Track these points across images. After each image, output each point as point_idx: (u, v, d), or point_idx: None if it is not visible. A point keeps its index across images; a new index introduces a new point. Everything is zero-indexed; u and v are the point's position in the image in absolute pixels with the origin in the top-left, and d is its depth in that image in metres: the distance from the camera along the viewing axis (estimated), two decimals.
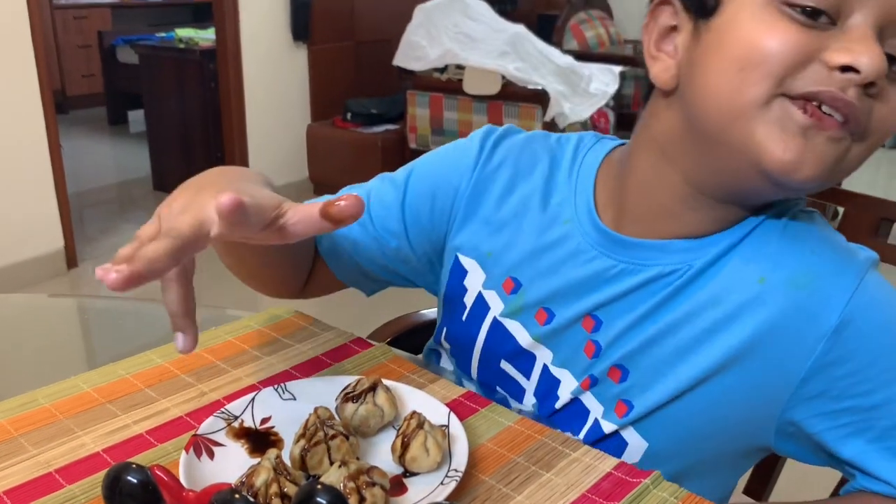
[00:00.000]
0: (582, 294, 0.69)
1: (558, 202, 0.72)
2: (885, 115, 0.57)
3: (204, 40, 3.93)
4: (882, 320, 0.61)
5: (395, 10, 4.31)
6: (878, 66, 0.54)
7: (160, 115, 4.03)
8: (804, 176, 0.57)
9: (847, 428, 0.62)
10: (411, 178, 0.79)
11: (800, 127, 0.56)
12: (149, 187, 4.18)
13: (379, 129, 3.93)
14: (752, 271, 0.63)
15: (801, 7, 0.55)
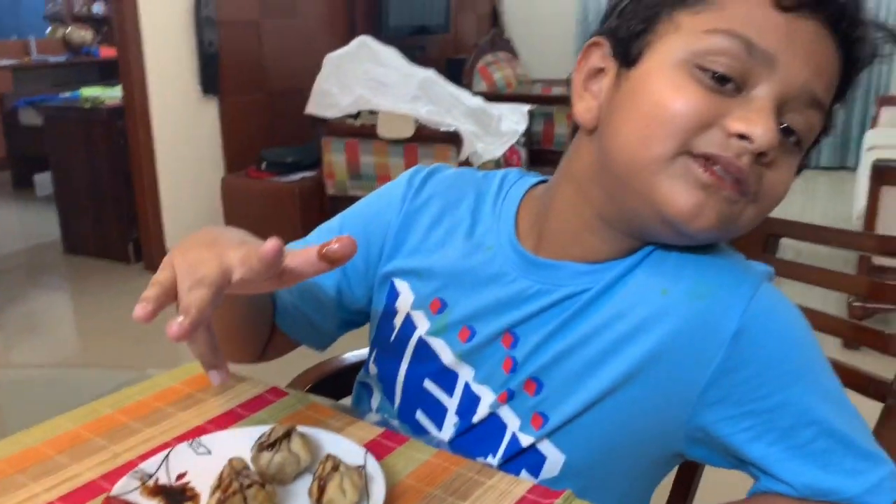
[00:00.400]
0: (502, 312, 0.72)
1: (483, 231, 0.77)
2: (775, 182, 0.63)
3: (111, 98, 3.86)
4: (776, 328, 0.66)
5: (304, 61, 4.34)
6: (769, 138, 0.59)
7: (68, 177, 3.92)
8: (701, 226, 0.62)
9: (750, 431, 0.65)
10: (344, 223, 0.84)
11: (700, 183, 0.61)
12: (59, 251, 4.05)
13: (295, 178, 3.92)
14: (654, 285, 0.67)
15: (711, 72, 0.60)
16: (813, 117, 0.62)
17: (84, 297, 3.56)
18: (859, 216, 2.90)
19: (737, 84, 0.60)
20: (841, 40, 0.62)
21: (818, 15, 0.61)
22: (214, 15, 3.81)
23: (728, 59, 0.60)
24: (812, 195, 5.44)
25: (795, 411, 0.64)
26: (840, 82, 0.64)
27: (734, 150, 0.60)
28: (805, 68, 0.60)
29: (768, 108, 0.60)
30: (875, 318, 2.76)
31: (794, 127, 0.62)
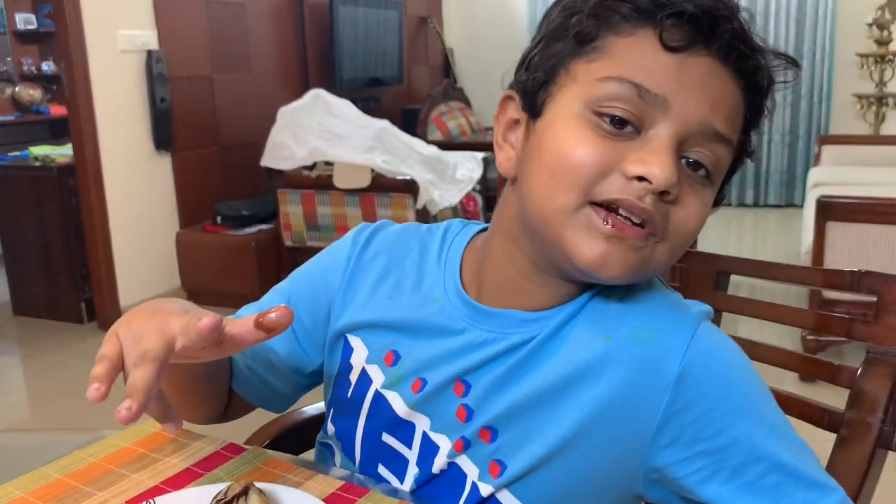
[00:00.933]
0: (452, 361, 0.73)
1: (429, 284, 0.77)
2: (683, 218, 0.63)
3: (61, 156, 3.81)
4: (717, 367, 0.66)
5: (258, 114, 4.36)
6: (666, 177, 0.60)
7: (17, 237, 3.84)
8: (611, 275, 0.63)
9: (702, 472, 0.66)
10: (293, 283, 0.84)
11: (603, 234, 0.62)
12: (8, 313, 3.94)
13: (251, 230, 3.90)
14: (597, 331, 0.68)
15: (609, 116, 0.62)
16: (719, 151, 0.63)
17: (35, 359, 3.46)
18: (807, 251, 2.98)
19: (635, 126, 0.62)
20: (736, 71, 0.63)
21: (708, 51, 0.62)
22: (166, 71, 3.82)
23: (622, 104, 0.61)
24: (762, 233, 5.58)
25: (744, 448, 0.65)
26: (748, 111, 0.66)
27: (635, 193, 0.61)
28: (700, 105, 0.62)
29: (665, 147, 0.61)
30: (829, 351, 2.82)
31: (700, 160, 0.63)
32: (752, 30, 0.64)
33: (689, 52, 0.61)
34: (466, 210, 4.26)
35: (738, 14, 0.63)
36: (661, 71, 0.61)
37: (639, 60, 0.62)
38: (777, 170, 5.95)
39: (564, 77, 0.65)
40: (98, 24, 3.51)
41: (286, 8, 4.80)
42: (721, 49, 0.62)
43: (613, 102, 0.62)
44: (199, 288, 3.93)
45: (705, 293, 1.02)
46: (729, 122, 0.63)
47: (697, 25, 0.61)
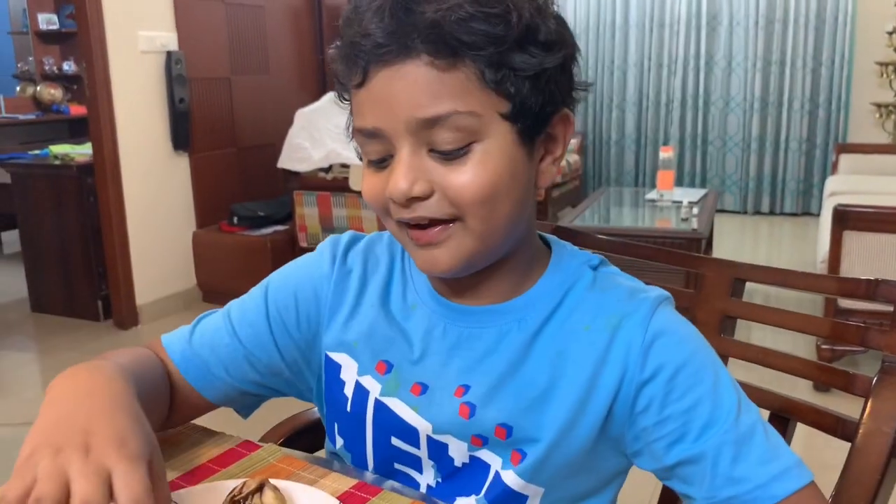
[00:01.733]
0: (447, 363, 0.76)
1: (400, 292, 0.81)
2: (454, 194, 0.67)
3: (80, 155, 3.85)
4: (676, 338, 0.73)
5: (275, 116, 4.39)
6: (398, 191, 0.66)
7: (36, 235, 3.88)
8: (443, 270, 0.71)
9: (673, 434, 0.71)
10: (269, 292, 0.84)
11: (418, 246, 0.70)
12: (26, 310, 3.98)
13: (267, 231, 3.92)
14: (576, 323, 0.75)
15: (370, 161, 0.70)
16: (451, 123, 0.65)
17: (51, 355, 3.49)
18: (823, 260, 2.96)
19: (389, 158, 0.68)
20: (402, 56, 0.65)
21: (380, 66, 0.65)
22: (185, 72, 3.85)
23: (368, 147, 0.69)
24: (777, 241, 5.54)
25: (707, 409, 0.70)
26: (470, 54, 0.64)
27: (402, 208, 0.68)
28: (398, 111, 0.65)
29: (396, 163, 0.67)
30: (844, 361, 2.80)
31: (442, 147, 0.66)
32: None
33: (370, 80, 0.67)
34: None
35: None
36: (365, 107, 0.68)
37: (358, 108, 0.69)
38: (793, 178, 5.92)
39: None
40: (119, 25, 3.54)
41: (304, 10, 4.83)
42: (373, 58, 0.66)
43: (365, 148, 0.70)
44: (214, 287, 3.96)
45: (721, 300, 1.02)
46: (437, 99, 0.64)
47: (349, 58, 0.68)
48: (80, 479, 0.54)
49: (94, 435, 0.57)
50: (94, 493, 0.53)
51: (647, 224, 3.69)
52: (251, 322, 0.83)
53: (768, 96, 5.89)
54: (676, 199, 3.82)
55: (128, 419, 0.61)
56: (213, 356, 0.82)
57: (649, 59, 6.15)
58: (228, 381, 0.83)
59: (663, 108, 6.19)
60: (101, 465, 0.55)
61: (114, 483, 0.54)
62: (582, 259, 0.79)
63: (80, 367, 0.69)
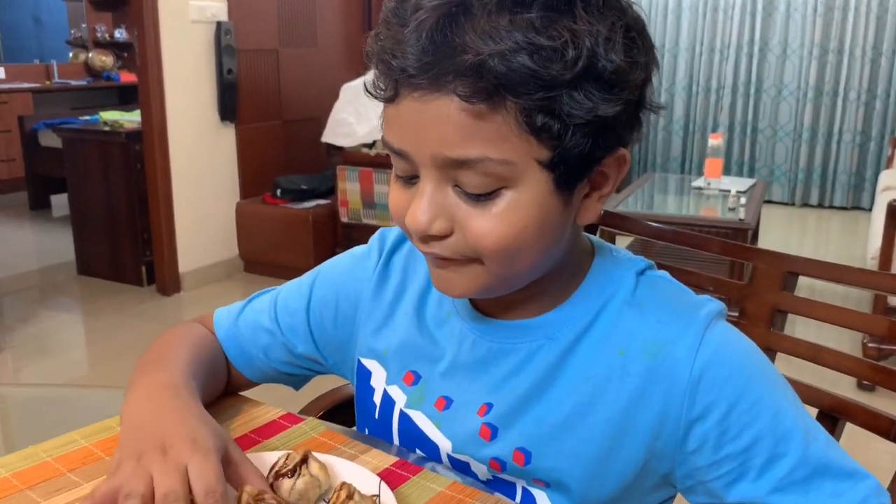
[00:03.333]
0: (473, 379, 0.73)
1: (437, 298, 0.77)
2: (474, 239, 0.61)
3: (129, 122, 3.91)
4: (729, 369, 0.66)
5: (321, 90, 4.39)
6: (413, 225, 0.61)
7: (84, 199, 3.96)
8: (456, 294, 0.67)
9: (731, 475, 0.66)
10: (316, 284, 0.84)
11: (434, 263, 0.66)
12: (73, 273, 4.07)
13: (310, 205, 3.95)
14: (611, 346, 0.68)
15: (399, 176, 0.64)
16: (478, 168, 0.58)
17: (96, 318, 3.57)
18: (874, 256, 2.88)
19: (417, 176, 0.62)
20: (439, 90, 0.57)
21: (411, 89, 0.58)
22: (234, 43, 3.87)
23: (397, 163, 0.63)
24: (825, 234, 5.42)
25: (768, 446, 0.64)
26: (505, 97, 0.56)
27: (416, 239, 0.64)
28: (426, 144, 0.59)
29: (419, 194, 0.61)
30: (891, 360, 2.73)
31: (467, 188, 0.60)
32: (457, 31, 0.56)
33: (397, 99, 0.59)
34: None
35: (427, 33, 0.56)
36: (394, 126, 0.61)
37: (387, 122, 0.63)
38: (845, 171, 5.77)
39: None
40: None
41: None
42: (404, 81, 0.58)
43: (394, 163, 0.64)
44: (255, 258, 4.00)
45: (772, 293, 0.99)
46: (465, 141, 0.57)
47: (380, 69, 0.60)
48: (163, 476, 0.59)
49: (169, 438, 0.63)
50: (174, 485, 0.58)
51: (691, 212, 3.62)
52: (293, 311, 0.83)
53: (823, 85, 5.73)
54: (724, 188, 3.74)
55: (195, 421, 0.66)
56: (253, 339, 0.84)
57: (701, 43, 6.02)
58: (267, 363, 0.84)
59: (713, 94, 6.07)
60: (179, 462, 0.60)
61: (190, 475, 0.59)
62: (626, 266, 0.71)
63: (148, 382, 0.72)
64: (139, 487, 0.58)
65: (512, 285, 0.66)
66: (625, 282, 0.70)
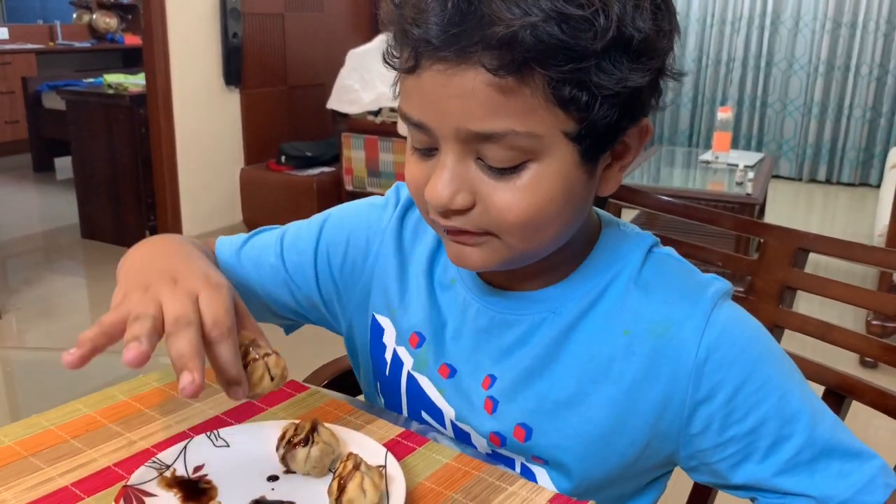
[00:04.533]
0: (476, 348, 0.72)
1: (444, 264, 0.76)
2: (496, 214, 0.59)
3: (134, 86, 3.87)
4: (736, 350, 0.65)
5: (327, 56, 4.35)
6: (437, 200, 0.59)
7: (88, 162, 3.94)
8: (472, 266, 0.65)
9: (736, 456, 0.66)
10: (326, 225, 0.82)
11: (450, 238, 0.63)
12: (76, 236, 4.07)
13: (314, 172, 3.93)
14: (616, 325, 0.67)
15: (416, 149, 0.62)
16: (503, 142, 0.56)
17: (99, 282, 3.57)
18: (881, 233, 2.86)
19: (435, 149, 0.60)
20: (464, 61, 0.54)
21: (434, 61, 0.55)
22: (240, 6, 3.82)
23: (415, 135, 0.61)
24: (832, 211, 5.39)
25: (774, 428, 0.64)
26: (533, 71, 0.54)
27: (436, 213, 0.61)
28: (449, 116, 0.57)
29: (439, 167, 0.59)
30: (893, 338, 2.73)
31: (491, 162, 0.58)
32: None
33: (422, 69, 0.56)
34: None
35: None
36: (414, 97, 0.59)
37: (405, 93, 0.60)
38: (853, 147, 5.71)
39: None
40: None
41: None
42: (426, 51, 0.55)
43: (412, 135, 0.62)
44: (259, 224, 3.91)
45: (782, 269, 0.98)
46: (490, 114, 0.55)
47: (399, 38, 0.58)
48: (172, 301, 0.57)
49: (179, 272, 0.61)
50: (183, 310, 0.56)
51: (698, 186, 3.59)
52: (301, 250, 0.81)
53: (835, 59, 5.66)
54: (732, 162, 3.71)
55: (204, 262, 0.65)
56: (255, 272, 0.81)
57: (712, 15, 5.94)
58: (264, 301, 0.82)
59: (723, 66, 6.00)
60: (189, 290, 0.58)
61: (200, 305, 0.57)
62: (634, 242, 0.70)
63: (149, 238, 0.71)
64: (150, 310, 0.56)
65: (529, 259, 0.64)
66: (632, 259, 0.69)
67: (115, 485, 0.61)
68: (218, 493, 0.60)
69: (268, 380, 0.59)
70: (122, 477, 0.62)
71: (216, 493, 0.60)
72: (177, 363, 0.54)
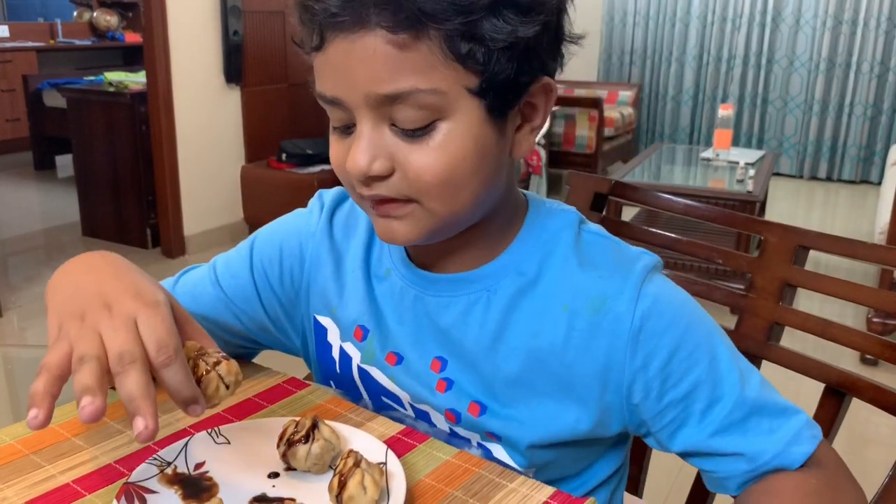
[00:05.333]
0: (419, 333, 0.73)
1: (378, 256, 0.77)
2: (414, 176, 0.61)
3: (134, 83, 3.87)
4: (667, 319, 0.68)
5: None
6: (355, 168, 0.61)
7: (89, 160, 3.94)
8: (402, 240, 0.66)
9: (674, 423, 0.69)
10: (256, 244, 0.83)
11: (378, 214, 0.65)
12: (77, 233, 4.07)
13: (314, 170, 3.93)
14: (555, 302, 0.69)
15: (336, 127, 0.64)
16: (413, 101, 0.59)
17: None
18: (882, 231, 2.86)
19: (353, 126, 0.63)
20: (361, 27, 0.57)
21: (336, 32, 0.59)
22: (240, 4, 3.82)
23: (332, 114, 0.64)
24: (832, 208, 5.39)
25: (707, 391, 0.67)
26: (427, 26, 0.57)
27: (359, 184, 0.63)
28: (357, 85, 0.59)
29: (356, 138, 0.62)
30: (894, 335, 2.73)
31: (404, 125, 0.60)
32: None
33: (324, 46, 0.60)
34: (530, 164, 4.21)
35: None
36: (324, 73, 0.62)
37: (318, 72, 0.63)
38: (855, 144, 5.71)
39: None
40: None
41: None
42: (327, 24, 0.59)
43: (330, 114, 0.64)
44: (260, 222, 3.95)
45: (783, 267, 0.98)
46: (396, 75, 0.58)
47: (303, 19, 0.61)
48: (111, 334, 0.55)
49: (110, 293, 0.59)
50: (126, 342, 0.55)
51: (699, 183, 3.60)
52: (235, 273, 0.81)
53: (836, 57, 5.65)
54: (733, 160, 3.72)
55: (135, 275, 0.63)
56: (194, 305, 0.79)
57: (713, 12, 5.94)
58: (218, 334, 0.80)
59: (724, 64, 5.99)
60: (126, 316, 0.57)
61: (140, 329, 0.56)
62: (562, 220, 0.72)
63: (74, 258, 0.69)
64: (92, 349, 0.54)
65: (454, 226, 0.67)
66: (563, 236, 0.71)
67: (117, 482, 0.61)
68: (219, 489, 0.60)
69: (223, 389, 0.59)
70: (124, 474, 0.62)
71: (217, 490, 0.60)
72: (128, 407, 0.53)
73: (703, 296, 0.97)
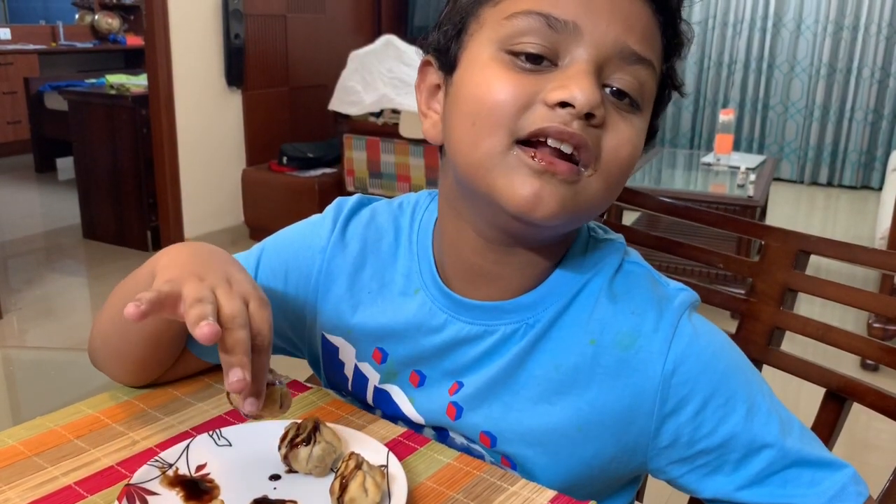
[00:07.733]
0: (442, 357, 0.70)
1: (405, 273, 0.73)
2: (615, 145, 0.59)
3: (136, 86, 3.88)
4: (702, 363, 0.64)
5: (329, 57, 4.36)
6: (588, 97, 0.56)
7: (90, 163, 3.94)
8: (544, 213, 0.58)
9: (705, 468, 0.66)
10: (263, 256, 0.79)
11: (534, 171, 0.58)
12: (78, 236, 4.07)
13: (315, 173, 3.93)
14: (583, 335, 0.66)
15: (522, 55, 0.59)
16: (639, 73, 0.60)
17: (100, 282, 3.58)
18: (883, 236, 2.87)
19: (550, 60, 0.59)
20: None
21: None
22: (242, 8, 3.83)
23: (533, 38, 0.58)
24: (833, 213, 5.39)
25: (743, 441, 0.64)
26: (665, 34, 0.63)
27: (560, 119, 0.57)
28: (612, 26, 0.58)
29: (583, 71, 0.57)
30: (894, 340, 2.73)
31: (623, 87, 0.59)
32: None
33: None
34: None
35: None
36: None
37: None
38: (855, 149, 5.72)
39: (474, 25, 0.62)
40: None
41: None
42: None
43: (524, 38, 0.58)
44: (260, 225, 3.99)
45: (783, 272, 0.98)
46: (645, 41, 0.60)
47: None
48: (228, 299, 0.57)
49: (232, 275, 0.61)
50: (239, 310, 0.56)
51: (700, 188, 3.60)
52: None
53: (837, 62, 5.66)
54: (733, 165, 3.72)
55: (251, 277, 0.64)
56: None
57: (714, 17, 5.95)
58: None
59: (725, 68, 6.00)
60: (242, 295, 0.58)
61: (250, 312, 0.58)
62: (608, 248, 0.69)
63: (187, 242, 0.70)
64: (211, 297, 0.56)
65: (585, 218, 0.65)
66: (606, 266, 0.68)
67: (118, 484, 0.61)
68: (220, 492, 0.60)
69: (277, 406, 0.60)
70: (125, 476, 0.62)
71: (218, 493, 0.60)
72: (229, 360, 0.54)
73: (703, 300, 0.97)
